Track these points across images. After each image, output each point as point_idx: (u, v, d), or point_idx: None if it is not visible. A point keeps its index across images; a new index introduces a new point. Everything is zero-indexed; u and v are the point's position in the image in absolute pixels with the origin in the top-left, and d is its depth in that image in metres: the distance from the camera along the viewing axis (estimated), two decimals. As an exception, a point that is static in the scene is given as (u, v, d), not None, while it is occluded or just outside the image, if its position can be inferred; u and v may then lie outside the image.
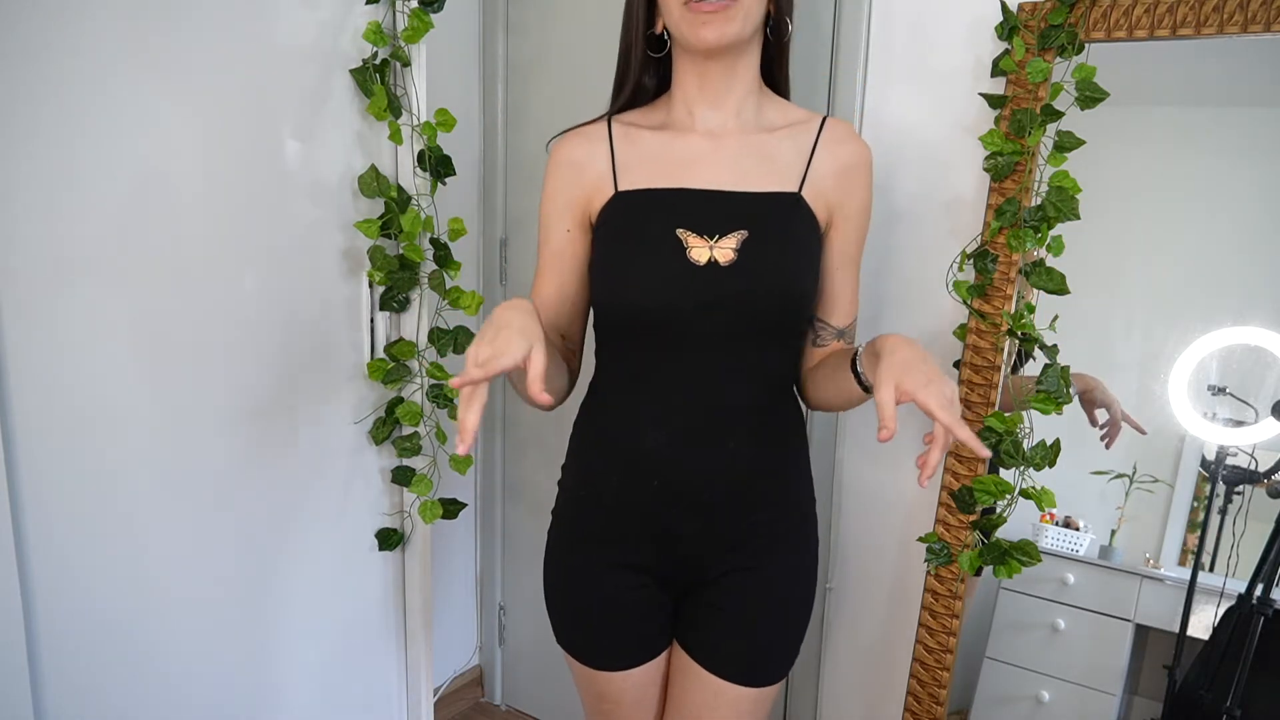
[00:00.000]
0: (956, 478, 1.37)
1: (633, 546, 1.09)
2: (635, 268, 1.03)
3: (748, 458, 1.05)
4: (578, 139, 1.11)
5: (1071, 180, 1.23)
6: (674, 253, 1.01)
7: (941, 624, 1.41)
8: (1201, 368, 1.34)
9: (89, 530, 1.30)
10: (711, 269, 1.00)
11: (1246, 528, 1.35)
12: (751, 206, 1.03)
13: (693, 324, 1.01)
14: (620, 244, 1.05)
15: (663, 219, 1.03)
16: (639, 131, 1.10)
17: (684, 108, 1.08)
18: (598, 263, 1.08)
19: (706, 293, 1.00)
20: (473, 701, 2.24)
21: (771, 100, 1.11)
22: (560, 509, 1.17)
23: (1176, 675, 1.38)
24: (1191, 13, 1.19)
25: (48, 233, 1.21)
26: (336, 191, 1.57)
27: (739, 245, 1.00)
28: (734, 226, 1.01)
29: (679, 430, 1.04)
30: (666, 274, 1.01)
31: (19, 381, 1.20)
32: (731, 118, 1.07)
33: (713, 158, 1.06)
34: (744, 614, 1.09)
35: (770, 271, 1.01)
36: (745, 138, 1.07)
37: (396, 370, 1.63)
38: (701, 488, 1.05)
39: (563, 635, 1.17)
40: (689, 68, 1.06)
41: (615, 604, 1.11)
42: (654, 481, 1.06)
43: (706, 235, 1.01)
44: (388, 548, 1.73)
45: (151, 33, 1.28)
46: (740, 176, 1.05)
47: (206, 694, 1.50)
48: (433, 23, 1.54)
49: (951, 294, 1.37)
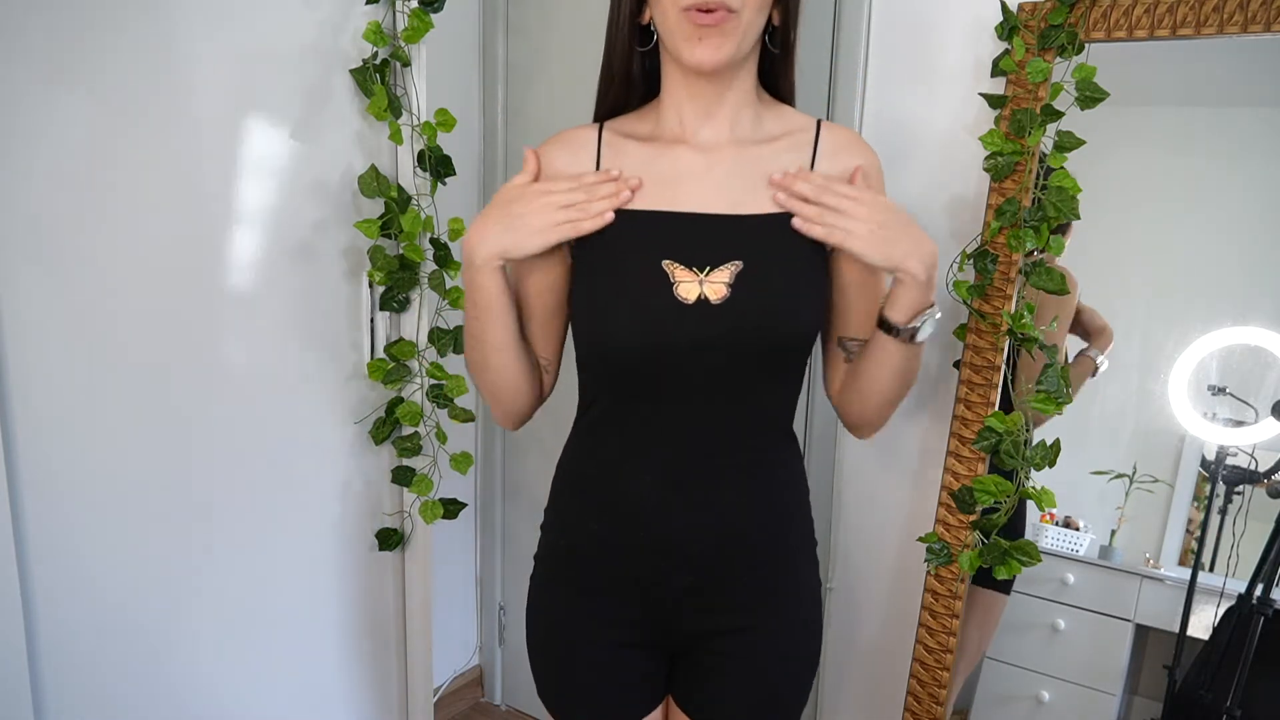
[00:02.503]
0: (956, 478, 1.37)
1: (616, 601, 1.00)
2: (617, 307, 0.92)
3: (742, 507, 0.97)
4: (561, 149, 1.00)
5: (1071, 180, 1.23)
6: (659, 289, 0.90)
7: (941, 624, 1.41)
8: (1201, 368, 1.34)
9: (89, 530, 1.30)
10: (701, 307, 0.90)
11: (1246, 528, 1.35)
12: (747, 233, 0.93)
13: (681, 367, 0.91)
14: (601, 278, 0.94)
15: (648, 249, 0.92)
16: (626, 143, 0.99)
17: (675, 117, 0.98)
18: (577, 296, 0.97)
19: (697, 334, 0.90)
20: (473, 701, 2.24)
21: (771, 108, 1.01)
22: (542, 556, 1.08)
23: (1176, 675, 1.38)
24: (1191, 13, 1.19)
25: (48, 233, 1.21)
26: (336, 191, 1.57)
27: (732, 279, 0.90)
28: (727, 257, 0.91)
29: (666, 478, 0.94)
30: (651, 314, 0.91)
31: (19, 381, 1.20)
32: (726, 131, 0.97)
33: (704, 176, 0.96)
34: (748, 674, 1.00)
35: (767, 308, 0.91)
36: (741, 152, 0.97)
37: (396, 370, 1.63)
38: (691, 540, 0.96)
39: (540, 689, 1.08)
40: (678, 78, 0.96)
41: (594, 664, 1.02)
42: (639, 533, 0.97)
43: (696, 268, 0.91)
44: (388, 548, 1.73)
45: (151, 33, 1.28)
46: (735, 198, 0.95)
47: (206, 693, 1.50)
48: (433, 23, 1.54)
49: (951, 294, 1.37)
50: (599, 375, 0.99)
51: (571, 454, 1.04)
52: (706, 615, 0.99)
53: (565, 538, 1.04)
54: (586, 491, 1.01)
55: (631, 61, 1.00)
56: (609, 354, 0.95)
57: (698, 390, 0.93)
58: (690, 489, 0.95)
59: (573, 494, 1.04)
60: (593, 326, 0.96)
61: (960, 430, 1.37)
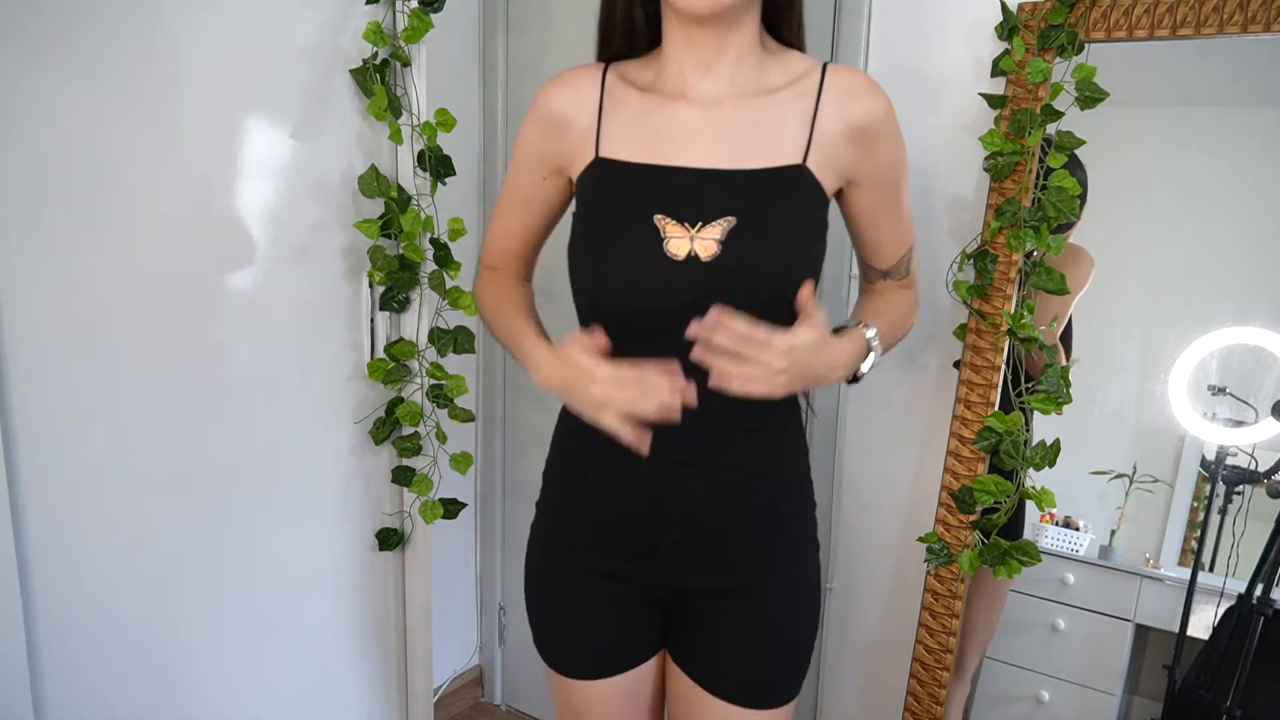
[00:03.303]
0: (956, 478, 1.37)
1: (608, 552, 1.01)
2: (607, 261, 0.93)
3: (735, 466, 0.96)
4: (564, 89, 1.00)
5: (1071, 180, 1.23)
6: (650, 245, 0.90)
7: (941, 624, 1.41)
8: (1201, 368, 1.34)
9: (89, 530, 1.30)
10: (691, 264, 0.89)
11: (1246, 528, 1.35)
12: (743, 188, 0.91)
13: (669, 324, 0.88)
14: (594, 228, 0.95)
15: (640, 202, 0.92)
16: (628, 91, 0.98)
17: (675, 69, 0.96)
18: (572, 249, 0.98)
19: (684, 291, 0.89)
20: (473, 701, 2.24)
21: (775, 56, 0.98)
22: (542, 504, 1.10)
23: (1176, 675, 1.38)
24: (1191, 13, 1.19)
25: (48, 233, 1.21)
26: (337, 191, 1.57)
27: (724, 236, 0.89)
28: (720, 213, 0.89)
29: (659, 432, 0.90)
30: (640, 270, 0.90)
31: (19, 381, 1.20)
32: (726, 84, 0.95)
33: (702, 131, 0.94)
34: (750, 635, 1.00)
35: (757, 267, 0.90)
36: (741, 104, 0.95)
37: (396, 370, 1.63)
38: (681, 496, 0.96)
39: (535, 635, 1.11)
40: (677, 27, 0.94)
41: (584, 610, 1.04)
42: (629, 486, 0.97)
43: (688, 223, 0.90)
44: (388, 548, 1.73)
45: (151, 33, 1.28)
46: (733, 152, 0.93)
47: (206, 694, 1.50)
48: (433, 23, 1.54)
49: (951, 294, 1.36)
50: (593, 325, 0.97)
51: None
52: (699, 573, 0.99)
53: (562, 485, 1.05)
54: (580, 442, 1.01)
55: (633, 12, 0.99)
56: (601, 311, 0.94)
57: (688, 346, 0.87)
58: (683, 444, 0.94)
59: (568, 441, 1.04)
60: (585, 282, 0.96)
61: (960, 430, 1.37)
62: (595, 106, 0.98)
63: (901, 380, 1.50)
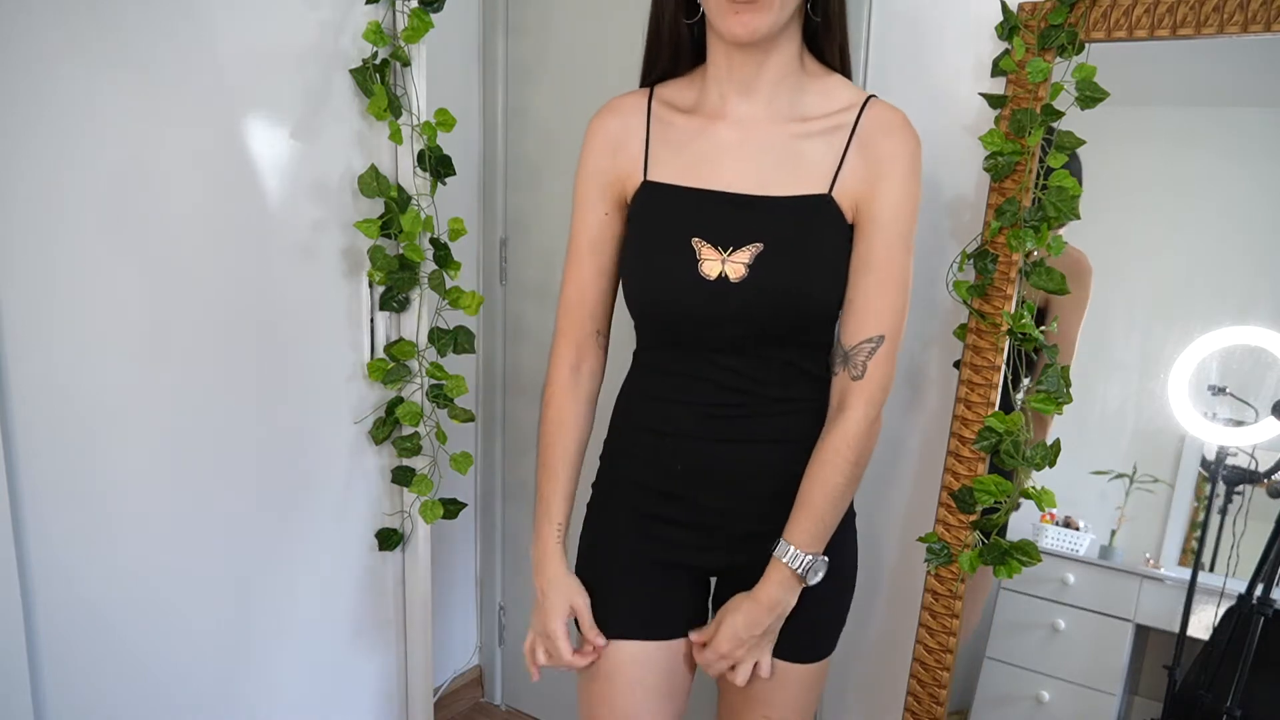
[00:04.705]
0: (956, 478, 1.37)
1: (660, 521, 1.10)
2: (651, 273, 1.04)
3: (771, 441, 1.06)
4: (614, 117, 1.09)
5: (1072, 180, 1.23)
6: (687, 263, 1.00)
7: (941, 624, 1.41)
8: (1201, 368, 1.34)
9: (89, 530, 1.30)
10: (720, 284, 0.99)
11: (1246, 528, 1.35)
12: (771, 215, 1.00)
13: (704, 331, 1.02)
14: (642, 243, 1.06)
15: (682, 225, 1.02)
16: (673, 115, 1.07)
17: (716, 90, 1.04)
18: (622, 260, 1.11)
19: (714, 309, 1.00)
20: (473, 701, 2.24)
21: (815, 82, 1.04)
22: (597, 483, 1.19)
23: (1176, 675, 1.38)
24: (1191, 13, 1.19)
25: (48, 234, 1.21)
26: (336, 191, 1.57)
27: (751, 260, 0.99)
28: (749, 239, 0.99)
29: (703, 413, 1.05)
30: (677, 285, 1.01)
31: (19, 381, 1.20)
32: (762, 106, 1.02)
33: (739, 153, 1.03)
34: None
35: (779, 288, 0.99)
36: (775, 130, 1.02)
37: (396, 370, 1.63)
38: (722, 468, 1.06)
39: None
40: (720, 49, 1.01)
41: (630, 570, 1.12)
42: (677, 466, 1.08)
43: (721, 247, 1.00)
44: (388, 548, 1.73)
45: (151, 32, 1.28)
46: (765, 177, 1.01)
47: (206, 694, 1.50)
48: (433, 23, 1.54)
49: (951, 294, 1.37)
50: (644, 327, 1.11)
51: (628, 388, 1.16)
52: (741, 542, 1.09)
53: (615, 465, 1.16)
54: (633, 426, 1.13)
55: (679, 32, 1.06)
56: (645, 315, 1.08)
57: (726, 346, 1.03)
58: (723, 423, 1.05)
59: (623, 423, 1.16)
60: (630, 284, 1.08)
61: (960, 430, 1.37)
62: (643, 131, 1.08)
63: (902, 380, 1.50)
